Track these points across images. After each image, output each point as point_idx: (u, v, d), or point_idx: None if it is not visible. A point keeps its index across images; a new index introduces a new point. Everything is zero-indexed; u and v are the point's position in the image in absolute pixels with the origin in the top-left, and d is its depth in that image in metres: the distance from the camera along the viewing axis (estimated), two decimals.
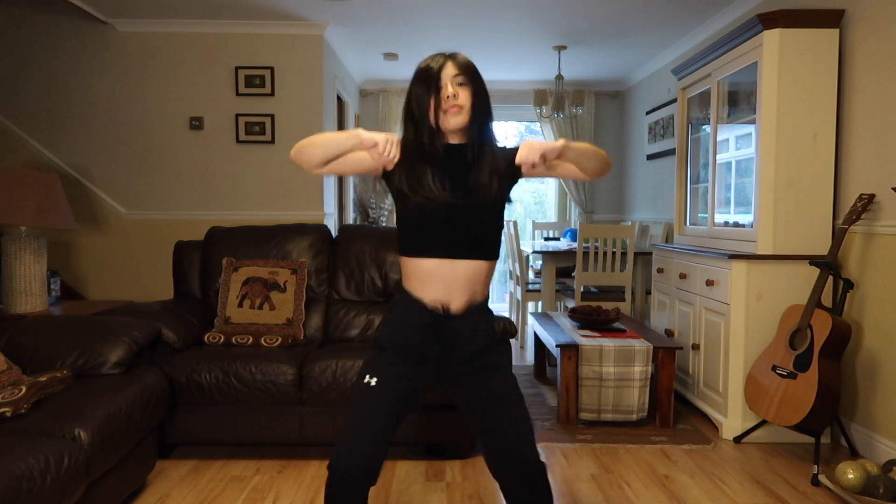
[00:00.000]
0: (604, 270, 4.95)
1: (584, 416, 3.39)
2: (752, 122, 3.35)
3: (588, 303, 4.71)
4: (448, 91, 1.61)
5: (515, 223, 5.61)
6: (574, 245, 5.37)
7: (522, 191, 8.53)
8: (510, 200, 1.74)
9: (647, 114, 6.37)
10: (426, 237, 1.66)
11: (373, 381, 1.66)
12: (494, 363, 1.72)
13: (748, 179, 3.42)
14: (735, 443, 3.21)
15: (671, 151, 5.62)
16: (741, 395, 3.20)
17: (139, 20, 4.92)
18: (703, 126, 4.02)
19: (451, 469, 2.87)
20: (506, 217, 1.85)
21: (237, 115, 5.05)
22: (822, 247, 3.18)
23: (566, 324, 3.94)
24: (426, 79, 1.63)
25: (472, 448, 3.00)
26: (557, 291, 5.42)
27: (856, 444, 3.04)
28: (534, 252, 5.42)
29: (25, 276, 3.55)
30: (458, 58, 1.65)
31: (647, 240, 5.90)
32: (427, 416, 2.86)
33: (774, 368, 2.96)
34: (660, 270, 4.21)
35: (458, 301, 1.68)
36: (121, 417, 2.23)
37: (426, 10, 4.68)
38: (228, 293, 3.23)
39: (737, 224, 3.56)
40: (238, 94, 5.05)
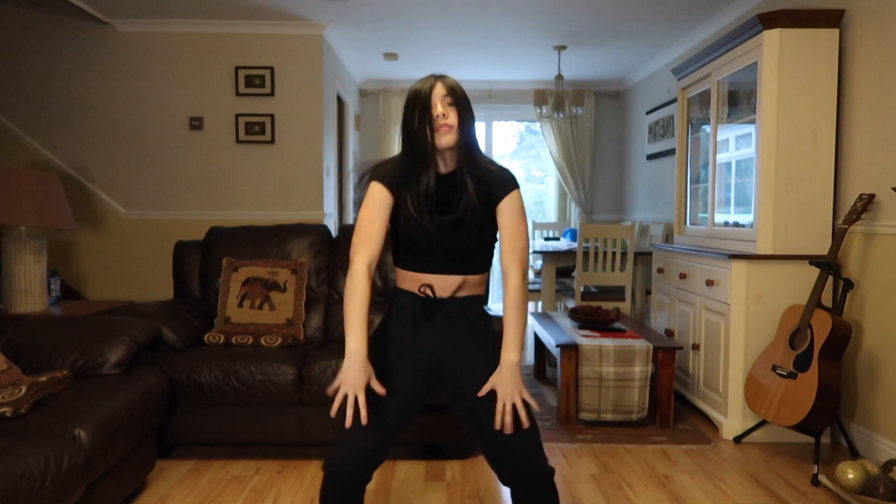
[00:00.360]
0: (604, 270, 4.95)
1: (584, 416, 3.39)
2: (752, 122, 3.35)
3: (588, 303, 4.71)
4: (438, 110, 1.65)
5: None
6: (574, 245, 5.37)
7: (522, 191, 8.53)
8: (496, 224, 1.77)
9: (647, 114, 6.37)
10: (418, 259, 1.73)
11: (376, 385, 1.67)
12: (491, 364, 1.73)
13: (748, 179, 3.42)
14: (735, 443, 3.21)
15: (671, 151, 5.62)
16: (741, 395, 3.20)
17: (139, 20, 4.92)
18: (703, 126, 4.02)
19: (451, 469, 2.87)
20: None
21: (237, 115, 5.06)
22: (822, 247, 3.18)
23: (566, 324, 3.94)
24: (417, 100, 1.67)
25: (472, 448, 3.00)
26: (557, 291, 5.42)
27: (856, 444, 3.04)
28: (534, 252, 5.42)
29: (25, 276, 3.55)
30: (447, 80, 1.69)
31: (647, 240, 5.90)
32: (427, 416, 2.86)
33: (774, 368, 2.96)
34: (660, 270, 4.21)
35: (451, 293, 1.75)
36: (121, 417, 2.23)
37: (426, 10, 4.68)
38: (228, 293, 3.23)
39: (737, 224, 3.56)
40: (238, 94, 5.05)
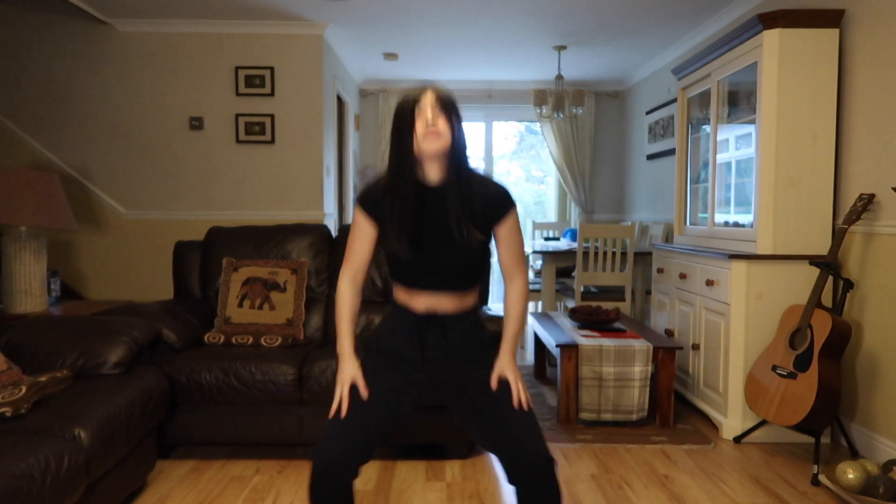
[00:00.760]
0: (604, 270, 4.95)
1: (584, 416, 3.39)
2: (752, 122, 3.35)
3: (588, 303, 4.71)
4: (427, 116, 1.64)
5: None
6: (574, 245, 5.37)
7: (522, 191, 8.54)
8: (489, 241, 1.78)
9: (647, 114, 6.37)
10: (410, 276, 1.75)
11: (360, 384, 1.75)
12: (487, 361, 1.78)
13: (748, 179, 3.42)
14: (735, 443, 3.21)
15: (671, 151, 5.62)
16: (741, 395, 3.20)
17: (139, 20, 4.92)
18: (703, 126, 4.02)
19: (451, 469, 2.87)
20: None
21: (237, 115, 5.06)
22: (822, 247, 3.18)
23: (566, 324, 3.94)
24: (406, 106, 1.66)
25: (472, 448, 3.01)
26: (557, 291, 5.42)
27: (856, 444, 3.04)
28: (534, 252, 5.42)
29: (25, 276, 3.56)
30: (438, 88, 1.69)
31: (647, 240, 5.90)
32: (427, 416, 2.86)
33: (774, 368, 2.96)
34: (660, 270, 4.21)
35: (446, 309, 1.76)
36: (121, 417, 2.23)
37: (426, 10, 4.68)
38: (228, 293, 3.23)
39: (737, 224, 3.56)
40: (238, 94, 5.05)
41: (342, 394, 1.71)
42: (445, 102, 1.67)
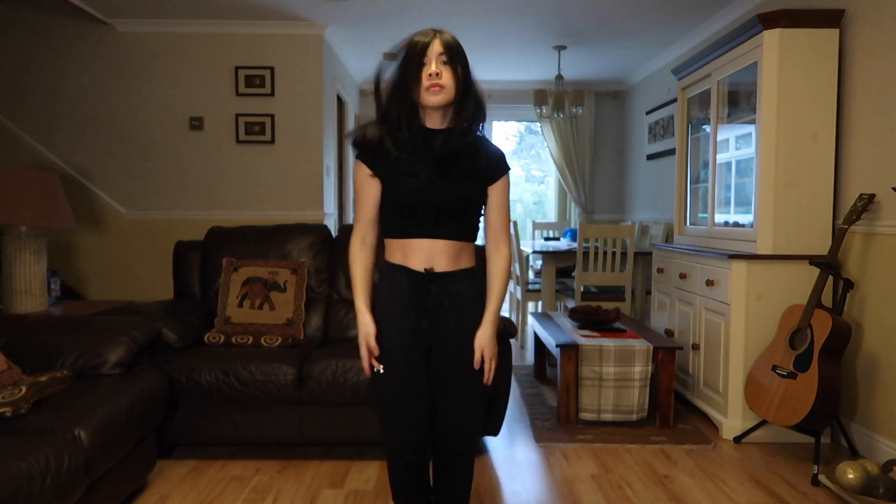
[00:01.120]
0: (604, 270, 4.95)
1: (584, 416, 3.39)
2: (752, 122, 3.35)
3: (588, 303, 4.71)
4: (431, 69, 1.63)
5: (515, 223, 5.61)
6: (574, 245, 5.37)
7: (522, 191, 8.54)
8: (483, 198, 1.78)
9: (647, 114, 6.37)
10: (406, 221, 1.72)
11: (380, 369, 1.76)
12: (464, 342, 1.77)
13: (748, 179, 3.42)
14: (735, 443, 3.21)
15: (671, 151, 5.61)
16: (741, 395, 3.20)
17: (139, 20, 4.92)
18: (703, 126, 4.02)
19: None
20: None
21: (237, 115, 5.05)
22: (822, 247, 3.18)
23: (566, 324, 3.94)
24: (412, 54, 1.65)
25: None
26: (557, 291, 5.42)
27: (856, 444, 3.04)
28: (534, 252, 5.42)
29: (25, 276, 3.55)
30: (445, 35, 1.67)
31: (647, 240, 5.90)
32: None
33: (774, 368, 2.96)
34: (660, 270, 4.21)
35: (442, 265, 1.73)
36: (121, 417, 2.23)
37: (426, 11, 4.68)
38: (228, 293, 3.23)
39: (737, 224, 3.56)
40: (238, 94, 5.05)
41: (371, 345, 1.74)
42: (452, 52, 1.65)
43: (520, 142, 8.52)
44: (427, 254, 1.72)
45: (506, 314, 5.32)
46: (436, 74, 1.63)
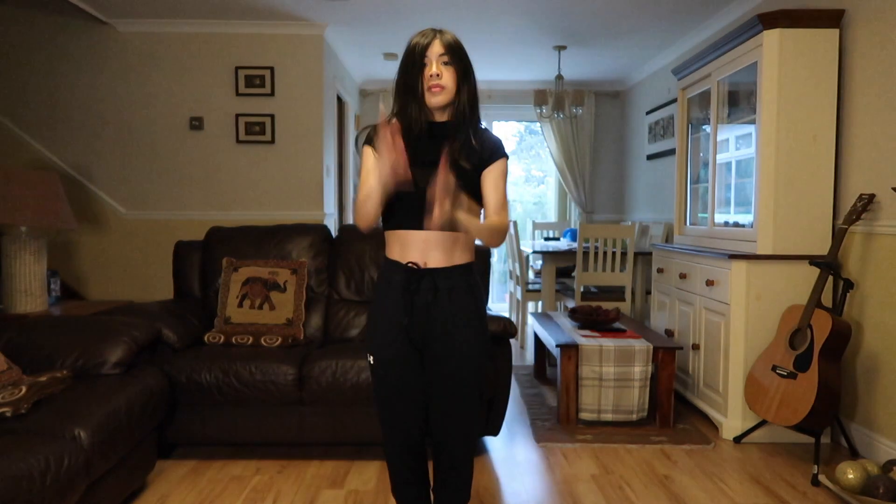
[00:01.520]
0: (604, 270, 4.95)
1: (584, 416, 3.39)
2: (752, 122, 3.35)
3: (588, 303, 4.71)
4: (432, 70, 1.66)
5: (515, 223, 5.61)
6: (574, 245, 5.37)
7: (522, 191, 8.53)
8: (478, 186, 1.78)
9: (647, 114, 6.37)
10: (405, 212, 1.72)
11: (371, 359, 1.80)
12: (460, 342, 1.76)
13: (748, 179, 3.42)
14: (735, 443, 3.21)
15: (671, 151, 5.62)
16: (741, 395, 3.20)
17: (140, 20, 4.92)
18: (703, 126, 4.02)
19: None
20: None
21: (237, 115, 5.06)
22: (822, 247, 3.18)
23: (566, 324, 3.94)
24: (413, 55, 1.68)
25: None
26: (557, 291, 5.42)
27: (856, 444, 3.04)
28: (534, 252, 5.42)
29: (25, 276, 3.56)
30: (446, 36, 1.69)
31: (647, 240, 5.90)
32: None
33: (774, 368, 2.96)
34: (660, 270, 4.21)
35: (435, 260, 1.73)
36: (121, 417, 2.23)
37: (426, 11, 4.68)
38: (228, 293, 3.23)
39: (737, 224, 3.56)
40: (238, 94, 5.05)
41: (384, 133, 1.57)
42: (453, 52, 1.68)
43: (520, 142, 8.52)
44: (422, 246, 1.72)
45: (506, 314, 5.33)
46: (437, 75, 1.66)
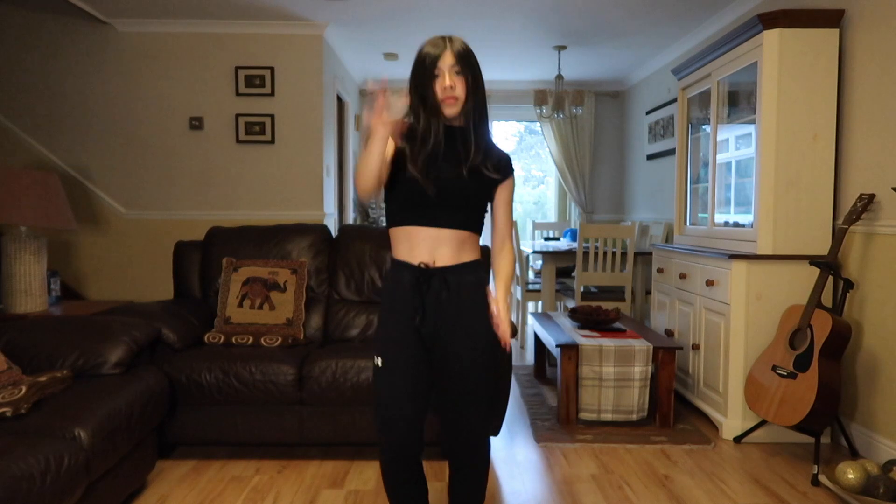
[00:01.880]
0: (604, 270, 4.95)
1: (584, 416, 3.39)
2: (752, 122, 3.35)
3: (588, 303, 4.71)
4: (446, 82, 1.67)
5: (515, 223, 5.61)
6: (574, 245, 5.37)
7: (522, 191, 8.53)
8: (491, 199, 1.83)
9: (647, 114, 6.37)
10: (414, 209, 1.74)
11: (379, 361, 1.78)
12: (473, 336, 1.78)
13: (748, 179, 3.42)
14: (735, 443, 3.21)
15: (671, 151, 5.62)
16: (741, 395, 3.20)
17: (139, 20, 4.92)
18: (703, 126, 4.02)
19: None
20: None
21: (237, 115, 5.06)
22: (822, 247, 3.18)
23: (566, 324, 3.94)
24: (425, 66, 1.69)
25: None
26: (557, 291, 5.42)
27: (856, 444, 3.04)
28: (534, 252, 5.42)
29: (25, 276, 3.55)
30: (456, 46, 1.70)
31: (647, 240, 5.90)
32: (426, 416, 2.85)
33: (774, 368, 2.96)
34: (660, 270, 4.21)
35: (444, 258, 1.75)
36: (121, 417, 2.23)
37: (426, 11, 4.68)
38: (228, 293, 3.23)
39: (737, 224, 3.56)
40: (238, 94, 5.05)
41: (383, 99, 1.56)
42: (464, 63, 1.68)
43: (520, 142, 8.52)
44: (431, 244, 1.74)
45: None
46: (450, 87, 1.67)
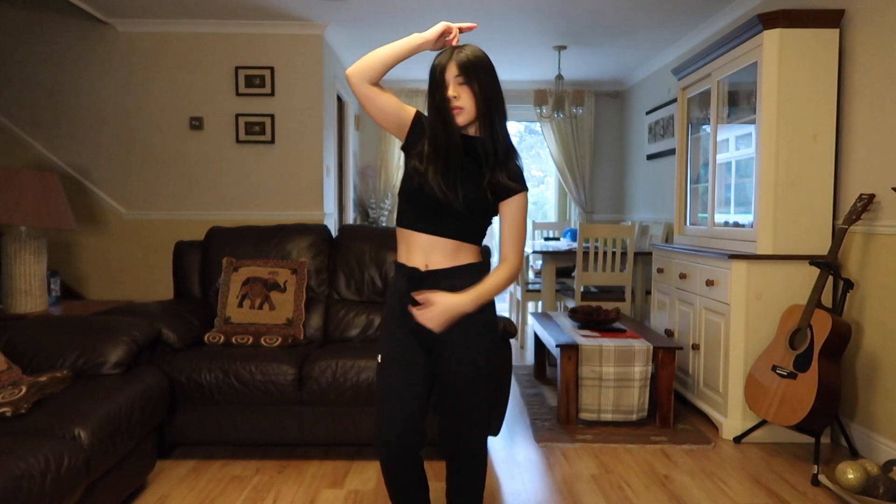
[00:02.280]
0: (604, 270, 4.95)
1: (584, 416, 3.39)
2: (752, 122, 3.35)
3: (588, 303, 4.71)
4: (449, 92, 1.67)
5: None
6: (574, 245, 5.37)
7: None
8: (494, 207, 1.80)
9: (647, 114, 6.37)
10: (418, 215, 1.75)
11: (379, 358, 1.81)
12: (469, 339, 1.78)
13: (748, 179, 3.42)
14: (735, 443, 3.21)
15: (671, 151, 5.62)
16: (741, 395, 3.20)
17: (139, 20, 4.92)
18: (703, 126, 4.02)
19: None
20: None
21: (237, 115, 5.05)
22: (822, 247, 3.18)
23: (566, 324, 3.94)
24: (434, 77, 1.70)
25: None
26: (557, 291, 5.42)
27: (856, 444, 3.04)
28: (534, 252, 5.42)
29: (25, 276, 3.55)
30: (461, 56, 1.68)
31: (647, 240, 5.90)
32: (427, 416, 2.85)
33: (774, 368, 2.96)
34: (660, 270, 4.21)
35: (437, 262, 1.75)
36: (121, 417, 2.23)
37: (426, 11, 4.68)
38: (228, 293, 3.23)
39: (737, 224, 3.56)
40: (238, 94, 5.05)
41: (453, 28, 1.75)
42: (468, 73, 1.67)
43: (520, 142, 8.52)
44: (425, 249, 1.75)
45: (506, 314, 5.33)
46: (454, 98, 1.67)
